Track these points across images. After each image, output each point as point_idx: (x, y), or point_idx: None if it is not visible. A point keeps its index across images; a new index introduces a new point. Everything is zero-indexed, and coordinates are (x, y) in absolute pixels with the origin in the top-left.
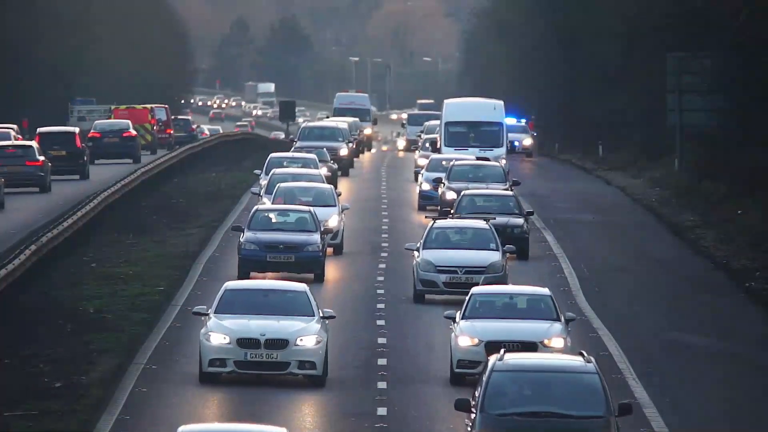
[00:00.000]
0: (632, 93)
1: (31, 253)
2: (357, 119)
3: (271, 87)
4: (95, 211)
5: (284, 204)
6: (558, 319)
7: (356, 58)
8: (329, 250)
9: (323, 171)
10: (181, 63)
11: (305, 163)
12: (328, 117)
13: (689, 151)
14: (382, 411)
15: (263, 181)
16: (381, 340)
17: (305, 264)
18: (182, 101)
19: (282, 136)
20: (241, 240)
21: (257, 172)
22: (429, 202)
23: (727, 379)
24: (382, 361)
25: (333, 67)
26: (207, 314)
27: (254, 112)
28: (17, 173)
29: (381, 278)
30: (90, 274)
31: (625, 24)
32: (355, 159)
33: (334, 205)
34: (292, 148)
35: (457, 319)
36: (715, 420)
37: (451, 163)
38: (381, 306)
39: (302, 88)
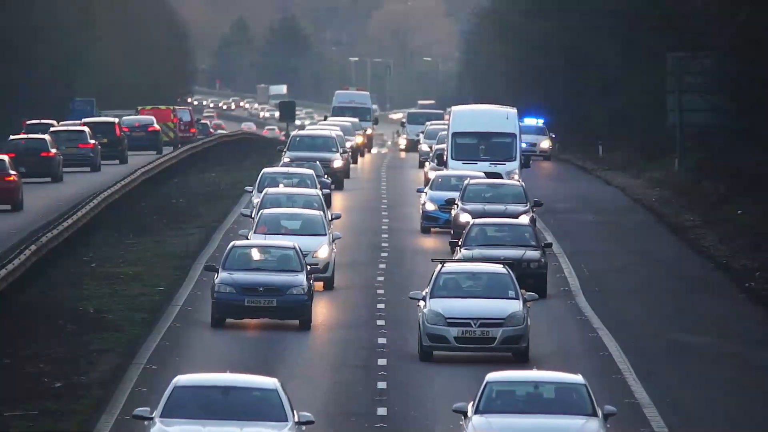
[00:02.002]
0: (632, 93)
1: (31, 253)
2: (357, 119)
3: (283, 89)
4: (95, 211)
5: (267, 233)
6: (594, 414)
7: (356, 58)
8: (318, 284)
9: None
10: (181, 63)
11: (302, 180)
12: (326, 118)
13: (689, 151)
14: (382, 411)
15: (255, 199)
16: (381, 411)
17: (289, 309)
18: (195, 102)
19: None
20: (215, 281)
21: (248, 189)
22: (433, 223)
23: (727, 379)
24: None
25: (333, 67)
26: (150, 418)
27: (261, 114)
28: (72, 154)
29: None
30: (90, 274)
31: (625, 24)
32: (352, 165)
33: (324, 234)
34: (281, 161)
35: (469, 413)
36: (715, 420)
37: (466, 181)
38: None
39: (302, 89)
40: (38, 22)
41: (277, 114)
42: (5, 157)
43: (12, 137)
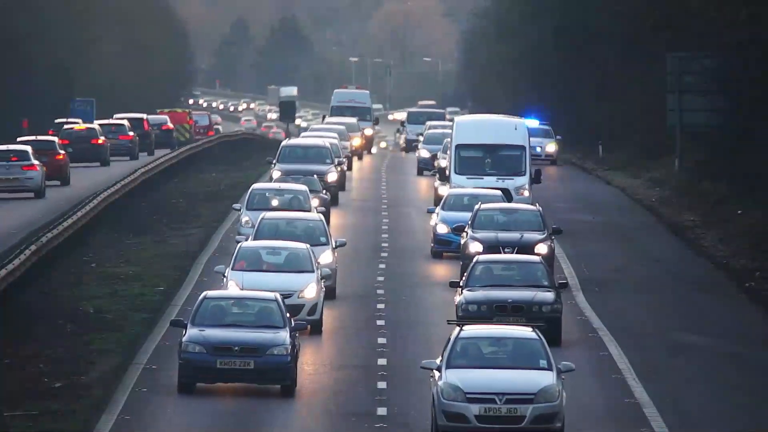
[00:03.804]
0: (632, 93)
1: (31, 253)
2: (356, 119)
3: (293, 90)
4: (95, 211)
5: (246, 269)
6: None
7: (356, 58)
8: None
9: (314, 203)
10: (181, 63)
11: (295, 197)
12: (325, 118)
13: (689, 151)
14: (382, 411)
15: (244, 218)
16: (380, 411)
17: (268, 372)
18: (204, 104)
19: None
20: (183, 340)
21: (236, 206)
22: (446, 248)
23: (727, 379)
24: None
25: (333, 67)
26: None
27: (269, 116)
28: (113, 145)
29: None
30: (90, 274)
31: (625, 24)
32: (348, 172)
33: (312, 271)
34: (273, 175)
35: None
36: (715, 420)
37: (477, 206)
38: None
39: (304, 89)
40: (38, 22)
41: None
42: (55, 139)
43: (66, 126)
